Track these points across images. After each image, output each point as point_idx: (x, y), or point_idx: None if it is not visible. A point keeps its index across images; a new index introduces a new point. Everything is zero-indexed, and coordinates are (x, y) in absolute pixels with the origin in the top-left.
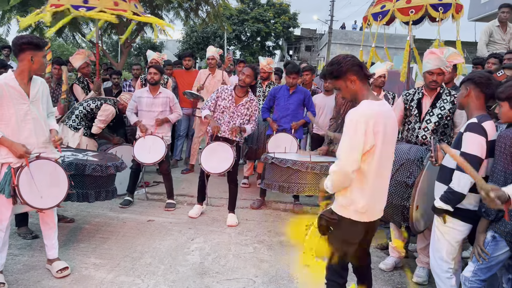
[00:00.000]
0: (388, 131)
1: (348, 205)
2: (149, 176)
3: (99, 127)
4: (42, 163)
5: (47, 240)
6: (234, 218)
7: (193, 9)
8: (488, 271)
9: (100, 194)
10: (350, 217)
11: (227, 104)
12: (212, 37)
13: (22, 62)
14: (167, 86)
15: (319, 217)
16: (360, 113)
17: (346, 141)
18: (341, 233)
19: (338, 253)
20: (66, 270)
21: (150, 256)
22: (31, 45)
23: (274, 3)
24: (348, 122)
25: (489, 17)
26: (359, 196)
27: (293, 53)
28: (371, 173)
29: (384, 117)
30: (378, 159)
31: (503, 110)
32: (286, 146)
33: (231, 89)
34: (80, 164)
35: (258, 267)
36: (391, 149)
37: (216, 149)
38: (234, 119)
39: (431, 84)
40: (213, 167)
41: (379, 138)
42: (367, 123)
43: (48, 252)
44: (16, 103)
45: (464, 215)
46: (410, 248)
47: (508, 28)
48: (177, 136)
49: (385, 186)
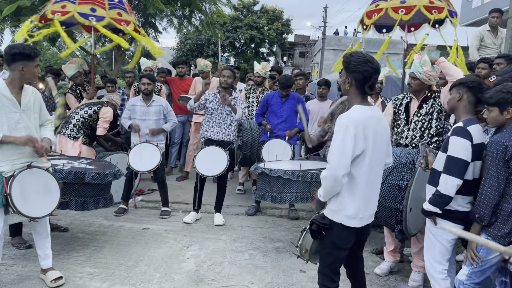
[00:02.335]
0: (378, 136)
1: (338, 210)
2: (144, 184)
3: (104, 127)
4: (34, 172)
5: (40, 250)
6: (221, 218)
7: (186, 17)
8: (482, 274)
9: (99, 201)
10: (341, 222)
11: (215, 106)
12: (206, 44)
13: (14, 72)
14: (161, 94)
15: (311, 222)
16: (350, 117)
17: (336, 145)
18: (332, 238)
19: (329, 258)
20: (60, 280)
21: (145, 264)
22: (22, 55)
23: (267, 10)
24: (338, 126)
25: (480, 21)
26: (350, 201)
27: (287, 60)
28: (361, 178)
29: (374, 123)
30: (368, 165)
31: (492, 115)
32: (280, 152)
33: (215, 92)
34: (79, 172)
35: (253, 274)
36: (382, 155)
37: (210, 153)
38: (224, 119)
39: (408, 86)
40: (208, 170)
41: (369, 143)
42: (357, 127)
43: (41, 262)
44: (8, 111)
45: (453, 217)
46: (405, 253)
47: (499, 32)
48: (171, 144)
49: (376, 191)
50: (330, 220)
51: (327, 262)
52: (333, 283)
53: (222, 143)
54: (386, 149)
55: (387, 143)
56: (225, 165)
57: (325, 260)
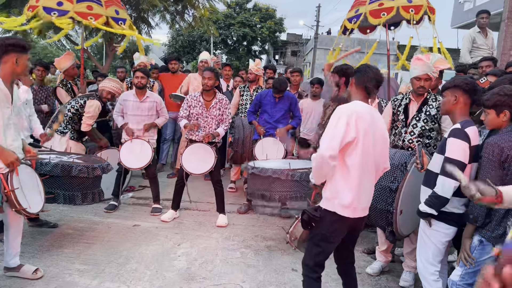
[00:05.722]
0: (371, 131)
1: (332, 198)
2: (135, 181)
3: (87, 124)
4: (24, 168)
5: (16, 248)
6: (224, 219)
7: (179, 12)
8: (475, 275)
9: (87, 196)
10: (335, 211)
11: (199, 111)
12: (198, 41)
13: (6, 64)
14: (153, 90)
15: (303, 212)
16: (346, 107)
17: (328, 131)
18: (322, 230)
19: (316, 249)
20: (38, 271)
21: (136, 262)
22: (17, 47)
23: (260, 8)
24: (333, 115)
25: (472, 24)
26: (345, 189)
27: (279, 58)
28: (355, 168)
29: (369, 118)
30: (361, 154)
31: (489, 117)
32: (272, 151)
33: (197, 95)
34: (66, 165)
35: (245, 272)
36: (377, 153)
37: (197, 150)
38: (208, 123)
39: (419, 90)
40: (194, 167)
41: (361, 133)
42: (351, 115)
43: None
44: (2, 106)
45: (448, 219)
46: (396, 253)
47: (488, 33)
48: (163, 140)
49: (370, 184)
50: (325, 210)
51: (313, 252)
52: (315, 273)
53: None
54: (381, 148)
55: (383, 143)
56: (213, 162)
57: (311, 251)
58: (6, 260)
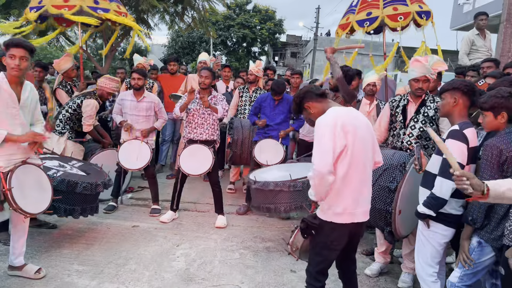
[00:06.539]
0: (358, 130)
1: (327, 208)
2: (134, 182)
3: (88, 124)
4: (29, 168)
5: (20, 247)
6: (223, 220)
7: (178, 13)
8: (473, 276)
9: (86, 210)
10: (331, 220)
11: (196, 107)
12: (198, 42)
13: None
14: (152, 91)
15: (302, 220)
16: (326, 118)
17: (316, 147)
18: (322, 238)
19: (317, 258)
20: (41, 270)
21: (134, 263)
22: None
23: (260, 9)
24: (316, 129)
25: (471, 26)
26: (336, 199)
27: (279, 59)
28: (347, 174)
29: (352, 118)
30: (351, 160)
31: (487, 119)
32: (271, 152)
33: (196, 92)
34: (72, 181)
35: (244, 273)
36: (367, 150)
37: (195, 151)
38: (205, 119)
39: (417, 92)
40: (192, 169)
41: (350, 137)
42: (335, 126)
43: (18, 258)
44: (7, 106)
45: (447, 220)
46: (395, 254)
47: (487, 35)
48: (162, 141)
49: (366, 187)
50: (321, 220)
51: (315, 261)
52: (318, 282)
53: (206, 142)
54: (371, 144)
55: (371, 138)
56: (210, 163)
57: (313, 260)
58: (10, 259)
